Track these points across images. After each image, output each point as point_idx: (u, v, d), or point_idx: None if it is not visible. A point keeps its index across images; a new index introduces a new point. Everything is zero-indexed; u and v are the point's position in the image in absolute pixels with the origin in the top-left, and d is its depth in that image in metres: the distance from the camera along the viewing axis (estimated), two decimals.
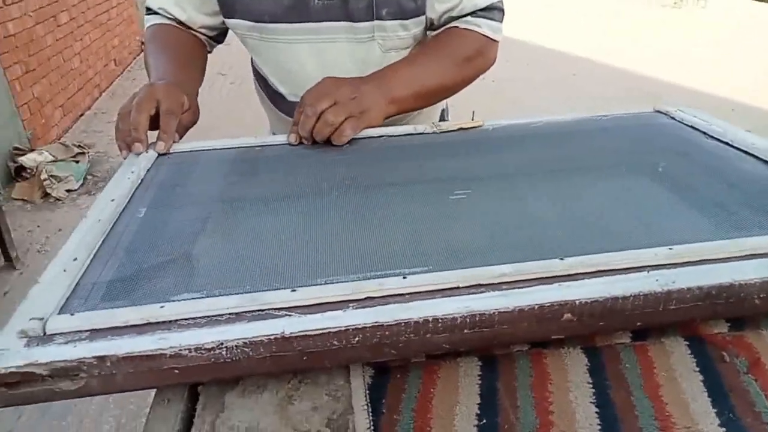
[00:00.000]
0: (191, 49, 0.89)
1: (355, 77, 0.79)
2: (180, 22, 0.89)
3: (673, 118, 0.76)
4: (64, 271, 0.48)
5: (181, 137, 0.76)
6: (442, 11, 0.85)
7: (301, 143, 0.74)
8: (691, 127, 0.73)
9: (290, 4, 0.81)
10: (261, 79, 0.98)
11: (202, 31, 0.91)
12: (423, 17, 0.84)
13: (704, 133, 0.71)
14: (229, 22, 0.87)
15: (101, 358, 0.40)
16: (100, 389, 0.41)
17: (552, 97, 4.10)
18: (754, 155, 0.64)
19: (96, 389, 0.41)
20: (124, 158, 0.71)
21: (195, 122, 0.80)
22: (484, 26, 0.84)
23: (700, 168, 0.63)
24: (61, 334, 0.42)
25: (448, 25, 0.86)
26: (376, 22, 0.81)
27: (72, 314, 0.43)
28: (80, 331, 0.42)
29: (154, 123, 0.73)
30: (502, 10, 0.87)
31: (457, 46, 0.84)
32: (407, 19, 0.83)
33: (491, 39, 0.85)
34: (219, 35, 0.95)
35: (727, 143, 0.67)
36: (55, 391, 0.40)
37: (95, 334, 0.42)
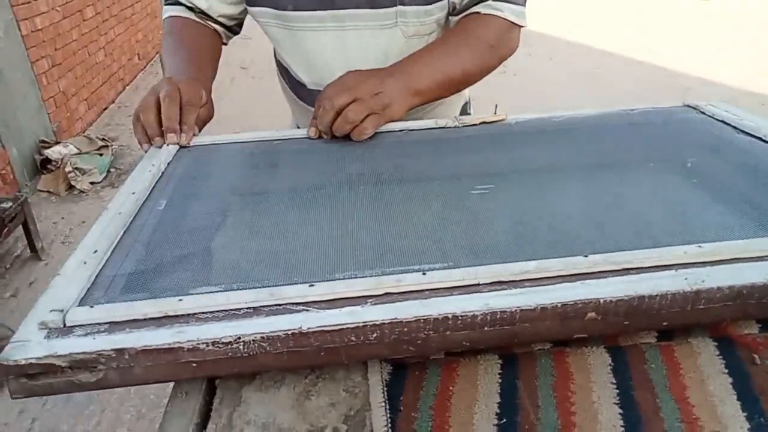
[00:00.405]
0: (207, 44, 0.90)
1: (377, 69, 0.78)
2: (200, 11, 0.89)
3: (703, 112, 0.74)
4: (85, 263, 0.48)
5: (199, 131, 0.77)
6: None
7: (320, 137, 0.74)
8: (722, 122, 0.71)
9: None
10: (283, 70, 0.98)
11: (221, 20, 0.91)
12: (445, 1, 0.83)
13: (735, 128, 0.69)
14: (252, 10, 0.87)
15: (120, 351, 0.40)
16: (118, 381, 0.41)
17: (576, 92, 4.04)
18: None
19: (114, 381, 0.41)
20: (146, 151, 0.72)
21: (211, 117, 0.81)
22: (506, 11, 0.82)
23: (731, 164, 0.61)
24: (80, 326, 0.42)
25: (469, 10, 0.84)
26: (399, 7, 0.81)
27: (92, 306, 0.43)
28: (99, 324, 0.42)
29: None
30: None
31: (480, 32, 0.82)
32: (430, 4, 0.82)
33: (514, 24, 0.83)
34: (236, 25, 0.95)
35: (760, 138, 0.65)
36: (74, 382, 0.40)
37: (114, 326, 0.42)
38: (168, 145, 0.72)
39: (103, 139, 3.20)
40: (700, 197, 0.55)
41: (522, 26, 0.84)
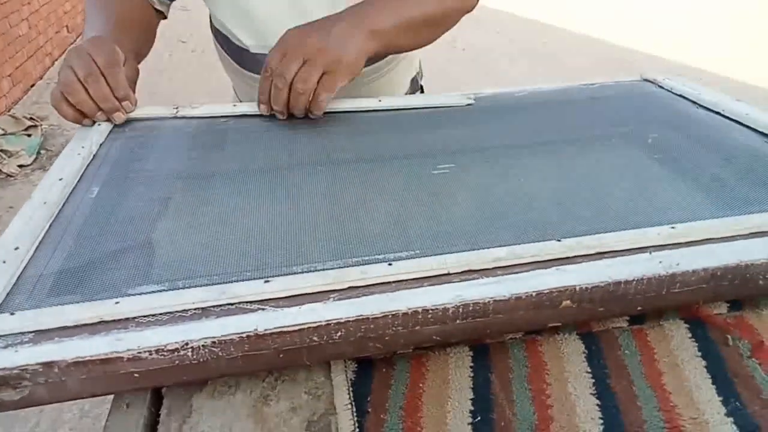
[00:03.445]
0: (133, 11, 0.80)
1: (322, 19, 0.69)
2: None
3: (661, 86, 0.73)
4: (4, 262, 0.42)
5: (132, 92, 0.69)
6: None
7: (263, 114, 0.68)
8: (681, 96, 0.70)
9: None
10: (222, 38, 0.89)
11: None
12: None
13: (694, 102, 0.68)
14: None
15: (48, 365, 0.35)
16: (48, 398, 0.36)
17: (527, 68, 4.06)
18: (747, 126, 0.61)
19: (43, 398, 0.36)
20: (90, 125, 0.65)
21: (136, 76, 0.71)
22: None
23: (694, 140, 0.60)
24: (0, 336, 0.36)
25: None
26: None
27: (12, 313, 0.38)
28: (23, 333, 0.37)
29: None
30: None
31: None
32: None
33: None
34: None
35: (718, 113, 0.65)
36: None
37: (40, 335, 0.37)
38: (114, 122, 0.65)
39: (32, 119, 2.99)
40: (667, 175, 0.54)
41: None
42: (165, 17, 0.88)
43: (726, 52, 4.36)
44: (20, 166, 2.72)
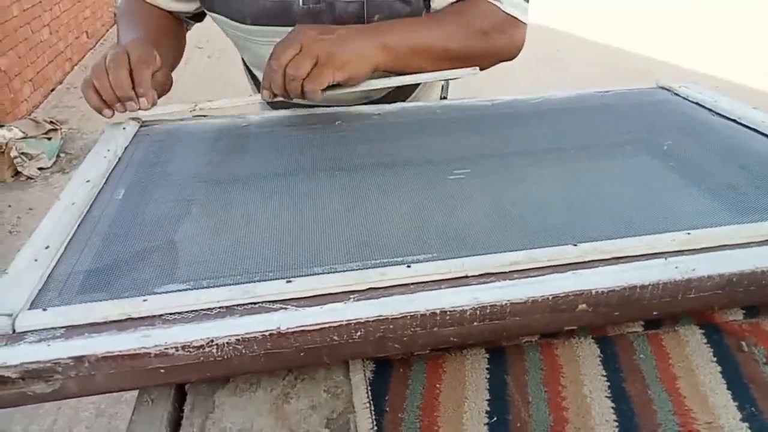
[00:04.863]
0: (165, 24, 0.83)
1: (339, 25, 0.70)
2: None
3: (677, 94, 0.74)
4: (36, 260, 0.44)
5: (159, 96, 0.70)
6: (452, 1, 0.76)
7: (282, 104, 0.68)
8: (697, 103, 0.70)
9: (272, 7, 0.74)
10: (246, 67, 0.93)
11: (174, 13, 0.85)
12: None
13: (710, 110, 0.68)
14: (210, 14, 0.81)
15: (78, 359, 0.36)
16: (77, 391, 0.37)
17: (541, 75, 4.05)
18: (764, 134, 0.61)
19: (73, 391, 0.37)
20: (109, 117, 0.66)
21: (169, 86, 0.73)
22: (505, 2, 0.75)
23: (710, 147, 0.60)
24: (32, 331, 0.38)
25: None
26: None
27: (45, 309, 0.39)
28: (54, 328, 0.38)
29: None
30: None
31: (472, 16, 0.75)
32: None
33: (514, 18, 0.76)
34: (195, 17, 0.89)
35: (735, 121, 0.65)
36: (27, 394, 0.37)
37: (71, 331, 0.38)
38: (128, 112, 0.66)
39: (52, 122, 3.04)
40: (683, 182, 0.54)
41: (523, 22, 0.77)
42: (190, 28, 0.90)
43: (740, 58, 4.32)
44: (40, 168, 2.77)
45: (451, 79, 0.71)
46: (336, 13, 0.74)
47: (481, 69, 0.76)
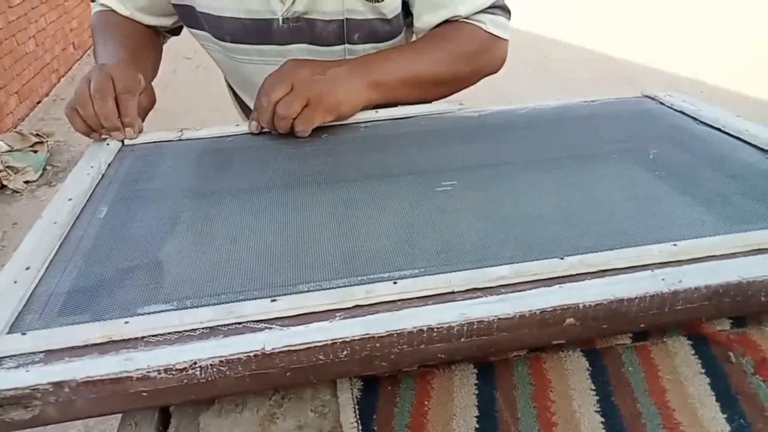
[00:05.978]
0: (143, 39, 0.82)
1: (330, 60, 0.72)
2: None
3: (662, 103, 0.74)
4: (15, 282, 0.43)
5: (142, 120, 0.70)
6: (437, 23, 0.76)
7: (268, 133, 0.69)
8: (681, 112, 0.71)
9: (252, 26, 0.74)
10: (230, 87, 0.93)
11: (151, 26, 0.84)
12: (399, 38, 0.79)
13: (695, 118, 0.69)
14: (191, 31, 0.81)
15: (58, 384, 0.35)
16: (58, 417, 0.37)
17: (528, 82, 4.07)
18: (748, 142, 0.62)
19: (54, 417, 0.36)
20: (97, 139, 0.67)
21: (153, 105, 0.73)
22: (488, 22, 0.76)
23: (695, 156, 0.60)
24: (11, 356, 0.37)
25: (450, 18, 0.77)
26: (347, 46, 0.76)
27: (24, 333, 0.38)
28: (33, 353, 0.37)
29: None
30: (506, 8, 0.79)
31: (457, 40, 0.76)
32: (380, 42, 0.77)
33: (496, 36, 0.77)
34: (172, 30, 0.88)
35: (719, 129, 0.65)
36: (5, 421, 0.36)
37: (51, 355, 0.37)
38: (111, 141, 0.66)
39: (38, 135, 3.01)
40: (668, 191, 0.54)
41: (505, 39, 0.78)
42: (166, 41, 0.90)
43: (726, 63, 4.38)
44: (26, 182, 2.74)
45: (434, 115, 0.72)
46: (316, 32, 0.74)
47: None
